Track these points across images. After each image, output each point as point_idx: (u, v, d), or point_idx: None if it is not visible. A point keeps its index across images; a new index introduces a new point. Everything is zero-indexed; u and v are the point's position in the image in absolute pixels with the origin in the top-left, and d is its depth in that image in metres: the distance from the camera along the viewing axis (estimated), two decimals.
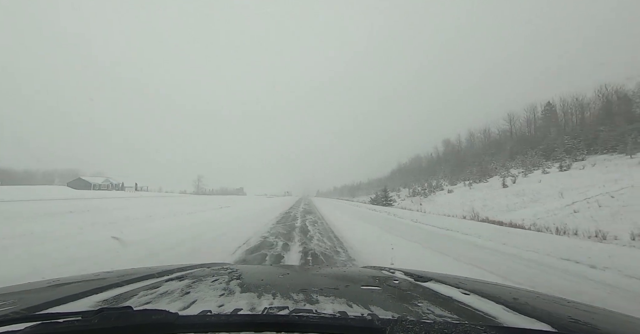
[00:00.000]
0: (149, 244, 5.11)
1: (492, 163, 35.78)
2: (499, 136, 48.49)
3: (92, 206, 14.04)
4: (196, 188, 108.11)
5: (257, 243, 5.72)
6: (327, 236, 7.02)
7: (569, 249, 5.44)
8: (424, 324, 0.57)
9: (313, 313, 0.66)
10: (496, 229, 8.94)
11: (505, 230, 8.80)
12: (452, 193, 30.27)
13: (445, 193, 31.65)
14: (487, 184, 28.69)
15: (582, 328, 0.68)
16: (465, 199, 24.64)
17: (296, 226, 8.98)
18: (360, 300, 0.80)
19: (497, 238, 6.90)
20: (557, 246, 5.68)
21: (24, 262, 3.55)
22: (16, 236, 5.12)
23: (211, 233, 6.94)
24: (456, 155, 53.42)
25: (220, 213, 12.58)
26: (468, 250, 5.62)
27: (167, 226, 7.40)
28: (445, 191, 32.71)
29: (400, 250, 5.21)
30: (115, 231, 5.83)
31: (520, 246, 5.82)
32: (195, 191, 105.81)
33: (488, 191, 25.27)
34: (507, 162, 34.33)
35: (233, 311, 0.68)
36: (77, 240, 4.94)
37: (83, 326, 0.55)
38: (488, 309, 0.77)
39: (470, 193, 26.85)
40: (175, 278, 1.08)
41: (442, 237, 7.37)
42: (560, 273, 3.91)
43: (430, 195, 33.67)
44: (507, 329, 0.63)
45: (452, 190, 31.48)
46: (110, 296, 0.84)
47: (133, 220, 8.67)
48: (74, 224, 6.91)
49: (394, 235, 7.46)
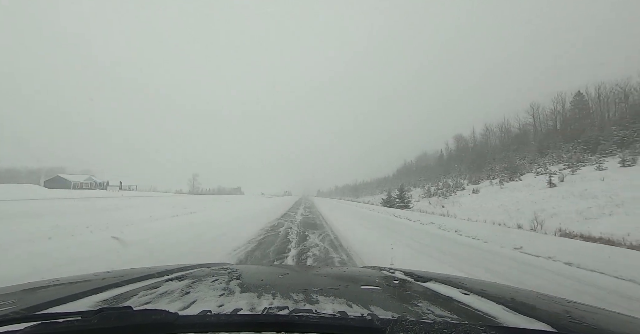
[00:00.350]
0: None
1: (518, 160, 31.77)
2: (519, 130, 44.62)
3: (23, 211, 11.09)
4: (192, 188, 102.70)
5: None
6: None
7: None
8: (423, 324, 0.57)
9: (313, 313, 0.66)
10: None
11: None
12: (478, 193, 26.78)
13: (469, 193, 28.30)
14: (522, 183, 24.89)
15: (582, 328, 0.68)
16: (502, 201, 20.60)
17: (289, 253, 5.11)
18: (360, 300, 0.80)
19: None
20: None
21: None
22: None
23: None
24: (471, 151, 49.25)
25: (180, 222, 8.84)
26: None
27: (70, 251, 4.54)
28: (467, 191, 29.27)
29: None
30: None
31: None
32: (191, 190, 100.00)
33: (529, 191, 21.12)
34: (538, 158, 29.94)
35: (233, 311, 0.68)
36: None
37: (83, 326, 0.56)
38: (488, 309, 0.76)
39: (505, 194, 22.80)
40: (175, 278, 1.09)
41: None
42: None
43: (451, 195, 29.51)
44: (507, 329, 0.63)
45: (477, 189, 27.68)
46: (110, 296, 0.84)
47: (49, 232, 5.89)
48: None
49: None
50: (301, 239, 6.86)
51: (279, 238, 6.93)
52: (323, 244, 6.28)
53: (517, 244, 6.33)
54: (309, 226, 9.35)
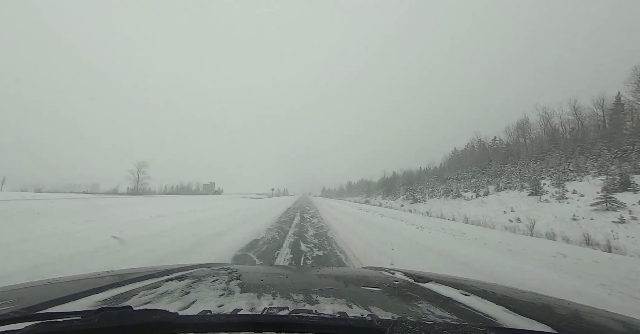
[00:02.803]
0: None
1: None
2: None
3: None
4: (137, 185, 67.24)
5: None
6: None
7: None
8: (423, 325, 0.57)
9: (313, 314, 0.66)
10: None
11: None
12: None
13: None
14: None
15: (582, 329, 0.68)
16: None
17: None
18: (360, 301, 0.80)
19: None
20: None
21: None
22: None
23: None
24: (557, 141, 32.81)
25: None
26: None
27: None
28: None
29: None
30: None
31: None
32: (134, 189, 67.21)
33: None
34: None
35: (233, 311, 0.68)
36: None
37: (83, 325, 0.56)
38: (488, 310, 0.76)
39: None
40: (175, 278, 1.09)
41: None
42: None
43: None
44: (508, 330, 0.62)
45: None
46: (110, 295, 0.84)
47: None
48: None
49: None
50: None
51: None
52: None
53: None
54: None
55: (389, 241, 6.27)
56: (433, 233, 8.45)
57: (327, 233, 7.83)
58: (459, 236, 8.03)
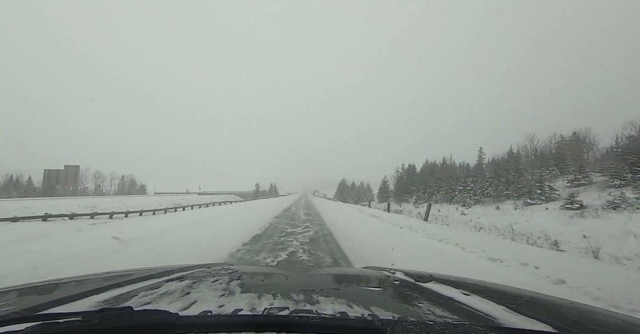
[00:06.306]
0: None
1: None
2: None
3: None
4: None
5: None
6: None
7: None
8: (424, 324, 0.57)
9: (313, 314, 0.66)
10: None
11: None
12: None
13: None
14: None
15: (583, 328, 0.68)
16: None
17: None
18: (360, 301, 0.80)
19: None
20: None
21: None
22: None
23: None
24: None
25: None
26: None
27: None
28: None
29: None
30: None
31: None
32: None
33: None
34: None
35: (233, 312, 0.68)
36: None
37: (83, 326, 0.56)
38: (489, 310, 0.76)
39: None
40: (175, 279, 1.09)
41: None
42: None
43: None
44: (508, 329, 0.62)
45: None
46: (110, 296, 0.84)
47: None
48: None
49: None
50: None
51: None
52: None
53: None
54: None
55: None
56: None
57: None
58: None
